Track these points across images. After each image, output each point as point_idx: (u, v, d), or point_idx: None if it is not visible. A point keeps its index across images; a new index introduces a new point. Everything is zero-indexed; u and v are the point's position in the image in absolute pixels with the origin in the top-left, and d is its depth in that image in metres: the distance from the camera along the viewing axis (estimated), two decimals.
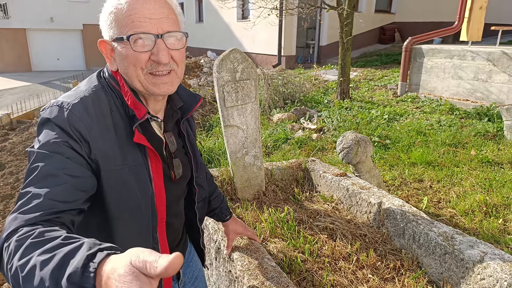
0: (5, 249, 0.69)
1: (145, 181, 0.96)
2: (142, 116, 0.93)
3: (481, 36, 6.56)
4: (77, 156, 0.85)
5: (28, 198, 0.77)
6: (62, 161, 0.83)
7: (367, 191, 2.22)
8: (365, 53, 12.40)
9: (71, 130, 0.85)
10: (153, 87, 0.94)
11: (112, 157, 0.90)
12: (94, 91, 0.93)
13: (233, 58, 2.21)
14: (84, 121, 0.86)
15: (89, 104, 0.89)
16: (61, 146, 0.84)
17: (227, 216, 1.52)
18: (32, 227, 0.71)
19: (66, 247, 0.62)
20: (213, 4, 14.51)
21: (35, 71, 18.47)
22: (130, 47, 0.89)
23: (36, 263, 0.61)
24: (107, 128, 0.90)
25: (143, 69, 0.92)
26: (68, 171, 0.83)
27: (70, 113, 0.86)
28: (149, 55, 0.91)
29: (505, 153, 3.85)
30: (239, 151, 2.44)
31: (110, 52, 0.95)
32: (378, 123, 5.20)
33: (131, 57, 0.90)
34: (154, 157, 0.98)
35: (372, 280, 1.68)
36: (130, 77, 0.94)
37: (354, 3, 6.27)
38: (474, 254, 1.58)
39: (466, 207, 2.76)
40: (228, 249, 1.65)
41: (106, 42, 0.94)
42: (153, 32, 0.89)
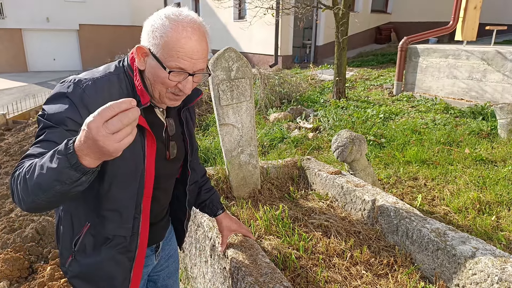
0: (14, 178, 0.92)
1: (139, 155, 1.10)
2: (145, 102, 1.07)
3: (475, 35, 6.60)
4: (78, 129, 0.92)
5: (25, 155, 0.96)
6: (64, 132, 0.97)
7: (362, 189, 2.24)
8: (361, 53, 12.44)
9: (81, 106, 0.99)
10: (168, 101, 1.11)
11: None
12: (108, 76, 1.08)
13: (227, 56, 2.22)
14: (93, 100, 1.00)
15: (100, 86, 1.04)
16: (67, 119, 0.98)
17: (219, 210, 1.58)
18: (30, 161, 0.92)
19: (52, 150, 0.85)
20: (209, 4, 14.52)
21: (31, 71, 18.40)
22: (166, 74, 1.03)
23: (36, 162, 0.86)
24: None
25: (168, 89, 1.07)
26: (62, 140, 0.90)
27: (82, 91, 1.00)
28: (177, 83, 1.06)
29: (498, 151, 3.88)
30: (234, 149, 2.45)
31: (143, 55, 1.07)
32: (374, 122, 5.23)
33: (162, 79, 1.05)
34: (150, 138, 1.11)
35: (366, 276, 1.70)
36: (154, 88, 1.09)
37: (350, 3, 6.29)
38: (466, 249, 1.60)
39: (460, 205, 2.79)
40: (223, 246, 1.66)
41: (145, 49, 1.06)
42: (189, 71, 1.05)
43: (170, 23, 1.03)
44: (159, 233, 1.38)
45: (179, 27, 1.03)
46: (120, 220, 1.12)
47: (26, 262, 2.80)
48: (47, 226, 3.21)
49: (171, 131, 1.24)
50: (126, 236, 1.15)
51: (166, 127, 1.22)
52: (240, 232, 1.69)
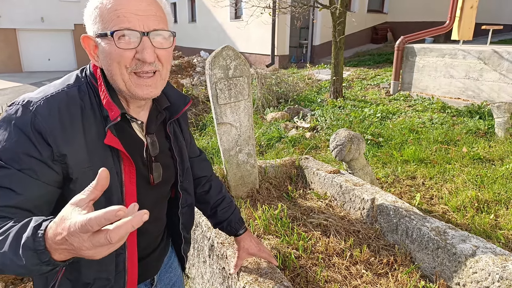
0: None
1: (113, 185, 0.89)
2: (115, 118, 0.88)
3: (472, 35, 6.63)
4: (35, 165, 0.81)
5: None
6: (18, 175, 0.79)
7: (361, 188, 2.23)
8: (357, 52, 12.46)
9: (32, 134, 0.80)
10: (136, 89, 0.90)
11: (79, 160, 0.85)
12: (66, 90, 0.88)
13: (225, 55, 2.20)
14: (47, 124, 0.81)
15: (54, 106, 0.84)
16: (20, 156, 0.80)
17: (239, 230, 1.38)
18: None
19: (16, 226, 0.70)
20: (205, 3, 14.49)
21: (26, 71, 18.27)
22: (114, 43, 0.85)
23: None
24: (73, 132, 0.85)
25: (127, 68, 0.88)
26: (18, 186, 0.79)
27: (33, 116, 0.81)
28: (134, 53, 0.87)
29: (496, 150, 3.89)
30: (232, 149, 2.43)
31: (93, 48, 0.91)
32: (371, 121, 5.23)
33: (114, 54, 0.86)
34: (127, 161, 0.93)
35: (366, 275, 1.69)
36: (114, 75, 0.89)
37: (347, 3, 6.30)
38: (466, 248, 1.59)
39: (458, 203, 2.78)
40: (236, 269, 1.47)
41: (90, 38, 0.90)
42: (138, 29, 0.85)
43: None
44: (152, 266, 1.17)
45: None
46: (98, 263, 0.90)
47: None
48: None
49: (154, 151, 1.02)
50: (110, 278, 0.95)
51: (146, 146, 1.01)
52: (260, 256, 1.46)
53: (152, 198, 1.06)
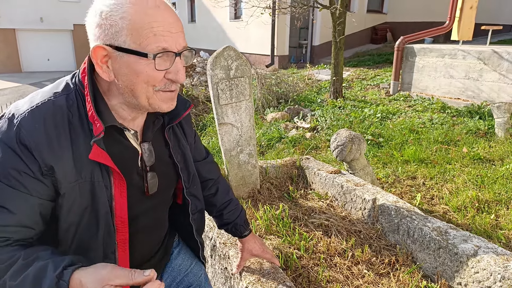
0: None
1: (101, 198, 0.87)
2: (98, 133, 0.82)
3: (471, 35, 6.63)
4: (25, 180, 0.79)
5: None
6: (12, 192, 0.78)
7: (362, 188, 2.23)
8: (357, 53, 12.47)
9: (19, 149, 0.78)
10: (162, 104, 0.86)
11: (67, 175, 0.83)
12: (52, 99, 0.83)
13: (227, 55, 2.20)
14: (32, 138, 0.78)
15: (39, 118, 0.80)
16: (7, 170, 0.78)
17: (244, 232, 1.36)
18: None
19: (31, 268, 0.75)
20: (205, 4, 14.49)
21: (25, 71, 18.26)
22: (150, 65, 0.80)
23: (14, 287, 0.76)
24: (59, 145, 0.81)
25: (155, 87, 0.83)
26: (12, 203, 0.79)
27: (17, 129, 0.78)
28: (164, 73, 0.83)
29: (496, 150, 3.89)
30: (233, 149, 2.43)
31: (102, 58, 0.82)
32: (371, 121, 5.23)
33: (146, 75, 0.81)
34: (117, 175, 0.89)
35: (368, 275, 1.69)
36: (136, 92, 0.83)
37: (347, 3, 6.31)
38: (467, 248, 1.59)
39: (459, 203, 2.79)
40: (238, 269, 1.47)
41: (105, 48, 0.80)
42: (174, 49, 0.81)
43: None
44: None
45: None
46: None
47: None
48: None
49: (149, 160, 0.98)
50: None
51: (141, 155, 0.97)
52: (264, 257, 1.46)
53: (148, 208, 1.02)
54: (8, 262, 0.77)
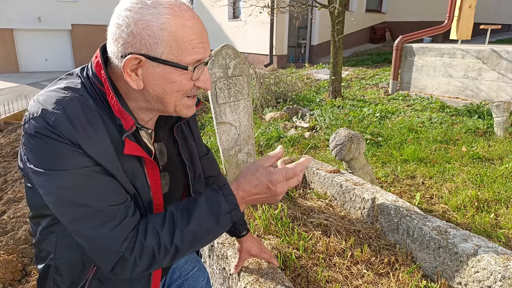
0: (135, 251, 0.81)
1: (143, 188, 0.91)
2: (130, 127, 0.83)
3: (470, 34, 6.63)
4: (88, 160, 0.79)
5: (105, 214, 0.80)
6: (79, 174, 0.78)
7: (361, 187, 2.21)
8: (356, 52, 12.47)
9: (69, 142, 0.76)
10: (186, 110, 0.90)
11: (115, 167, 0.83)
12: (77, 96, 0.80)
13: (225, 54, 2.18)
14: (74, 135, 0.76)
15: (73, 115, 0.77)
16: (67, 159, 0.76)
17: (242, 232, 1.36)
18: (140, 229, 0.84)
19: (196, 207, 0.87)
20: (203, 3, 14.46)
21: (23, 72, 18.20)
22: (186, 76, 0.82)
23: (192, 227, 0.85)
24: (99, 141, 0.80)
25: (183, 94, 0.86)
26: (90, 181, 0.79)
27: (55, 125, 0.75)
28: (193, 82, 0.85)
29: (495, 149, 3.89)
30: (232, 148, 2.42)
31: (134, 68, 0.80)
32: (370, 121, 5.22)
33: (180, 85, 0.82)
34: (149, 163, 0.92)
35: (367, 275, 1.68)
36: (166, 101, 0.85)
37: (346, 2, 6.29)
38: (468, 247, 1.58)
39: (458, 203, 2.78)
40: (236, 269, 1.46)
41: (138, 58, 0.79)
42: (205, 59, 0.84)
43: (163, 8, 0.77)
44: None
45: (175, 9, 0.78)
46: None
47: (20, 264, 2.75)
48: None
49: (162, 159, 1.00)
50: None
51: (155, 154, 0.98)
52: (262, 257, 1.46)
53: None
54: (167, 219, 0.85)
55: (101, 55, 0.86)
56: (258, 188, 0.88)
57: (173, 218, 0.85)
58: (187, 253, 0.88)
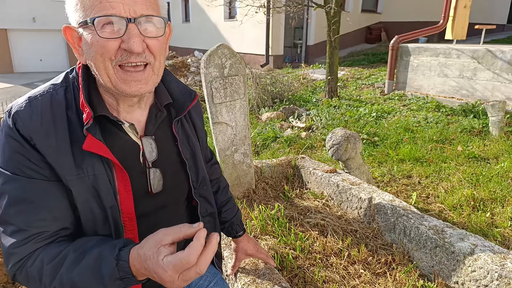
0: (21, 275, 0.79)
1: (107, 193, 0.84)
2: (87, 120, 0.78)
3: (465, 34, 6.66)
4: (36, 168, 0.79)
5: (11, 232, 0.79)
6: (23, 182, 0.78)
7: (358, 187, 2.21)
8: (352, 52, 12.49)
9: (22, 139, 0.77)
10: (123, 85, 0.80)
11: (67, 167, 0.80)
12: (51, 92, 0.82)
13: (221, 53, 2.17)
14: (27, 129, 0.77)
15: (36, 110, 0.79)
16: (15, 161, 0.77)
17: (239, 232, 1.33)
18: (33, 254, 0.79)
19: (87, 257, 0.76)
20: (199, 3, 14.44)
21: (18, 72, 18.07)
22: (95, 32, 0.76)
23: (73, 279, 0.75)
24: (56, 136, 0.79)
25: (112, 60, 0.78)
26: (33, 193, 0.79)
27: (14, 120, 0.78)
28: (119, 43, 0.77)
29: (490, 148, 3.90)
30: (228, 148, 2.40)
31: (77, 41, 0.81)
32: (366, 120, 5.23)
33: (97, 45, 0.77)
34: (118, 167, 0.84)
35: (364, 275, 1.67)
36: (98, 69, 0.80)
37: (341, 2, 6.30)
38: (464, 246, 1.58)
39: (454, 202, 2.78)
40: (234, 270, 1.45)
41: (72, 28, 0.80)
42: (124, 15, 0.75)
43: None
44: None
45: None
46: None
47: None
48: None
49: (150, 155, 0.92)
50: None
51: (142, 150, 0.91)
52: (258, 257, 1.44)
53: (155, 207, 0.96)
54: (59, 256, 0.77)
55: None
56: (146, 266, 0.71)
57: (65, 258, 0.77)
58: None
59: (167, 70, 0.99)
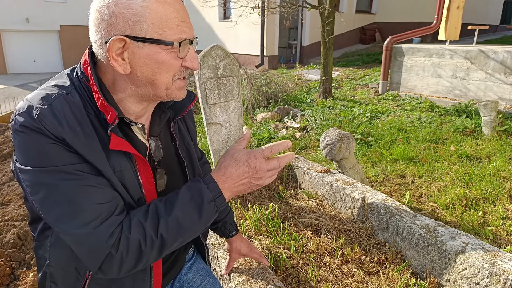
0: (121, 246, 0.79)
1: (134, 186, 0.88)
2: (112, 120, 0.81)
3: (458, 35, 6.72)
4: (76, 156, 0.78)
5: (90, 212, 0.78)
6: (71, 169, 0.77)
7: (351, 187, 2.23)
8: (346, 53, 12.54)
9: (53, 135, 0.75)
10: (179, 92, 0.89)
11: (104, 163, 0.82)
12: (63, 94, 0.80)
13: (214, 54, 2.18)
14: (60, 132, 0.76)
15: (59, 111, 0.77)
16: (56, 153, 0.76)
17: (232, 232, 1.36)
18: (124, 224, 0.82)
19: (178, 196, 0.86)
20: (194, 4, 14.42)
21: (11, 73, 17.94)
22: (175, 53, 0.82)
23: (176, 215, 0.83)
24: (86, 137, 0.79)
25: (175, 75, 0.85)
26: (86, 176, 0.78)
27: (40, 120, 0.75)
28: (182, 61, 0.85)
29: (483, 148, 3.94)
30: (222, 149, 2.41)
31: (119, 52, 0.79)
32: (361, 121, 5.26)
33: (168, 64, 0.82)
34: (140, 161, 0.89)
35: (357, 274, 1.69)
36: (156, 83, 0.84)
37: (335, 3, 6.32)
38: (456, 245, 1.60)
39: (447, 201, 2.81)
40: (228, 269, 1.47)
41: (123, 40, 0.77)
42: (191, 38, 0.85)
43: None
44: (177, 262, 1.16)
45: None
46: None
47: (8, 268, 2.70)
48: (29, 232, 3.11)
49: (157, 155, 0.97)
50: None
51: (149, 150, 0.96)
52: (251, 257, 1.46)
53: None
54: (150, 211, 0.83)
55: (89, 54, 0.86)
56: (239, 169, 0.87)
57: (156, 209, 0.83)
58: (174, 245, 0.85)
59: None
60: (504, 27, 13.61)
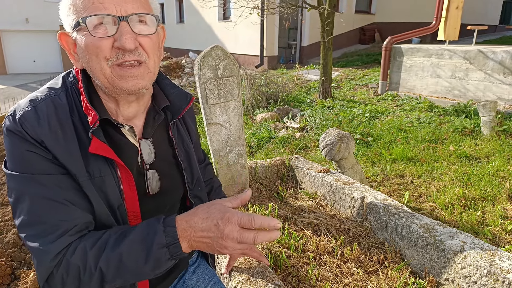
0: (59, 271, 0.77)
1: (114, 193, 0.85)
2: (93, 123, 0.79)
3: (457, 35, 6.73)
4: (52, 165, 0.79)
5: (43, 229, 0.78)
6: (44, 180, 0.78)
7: (350, 187, 2.24)
8: (346, 53, 12.56)
9: (33, 140, 0.77)
10: (120, 81, 0.80)
11: (79, 169, 0.81)
12: (53, 96, 0.82)
13: (214, 55, 2.19)
14: (37, 134, 0.77)
15: (42, 114, 0.78)
16: (33, 161, 0.77)
17: None
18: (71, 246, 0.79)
19: (133, 233, 0.79)
20: (194, 4, 14.43)
21: (11, 73, 17.94)
22: (89, 33, 0.77)
23: (120, 251, 0.76)
24: (66, 140, 0.80)
25: (108, 59, 0.79)
26: (55, 189, 0.79)
27: (21, 123, 0.77)
28: (112, 42, 0.78)
29: (482, 148, 3.96)
30: (222, 149, 2.42)
31: (73, 47, 0.83)
32: (360, 121, 5.27)
33: (91, 46, 0.77)
34: (122, 168, 0.86)
35: (357, 273, 1.70)
36: (94, 71, 0.81)
37: (335, 3, 6.34)
38: (454, 244, 1.61)
39: (446, 201, 2.82)
40: (228, 268, 1.45)
41: (67, 34, 0.82)
42: (115, 14, 0.77)
43: None
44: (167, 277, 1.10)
45: None
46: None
47: (8, 268, 2.71)
48: None
49: (148, 157, 0.94)
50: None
51: (140, 153, 0.93)
52: (252, 256, 1.38)
53: (151, 208, 0.97)
54: (101, 239, 0.79)
55: None
56: (206, 223, 0.77)
57: (108, 239, 0.79)
58: (115, 283, 0.79)
59: (162, 73, 1.01)
60: (503, 27, 13.63)
